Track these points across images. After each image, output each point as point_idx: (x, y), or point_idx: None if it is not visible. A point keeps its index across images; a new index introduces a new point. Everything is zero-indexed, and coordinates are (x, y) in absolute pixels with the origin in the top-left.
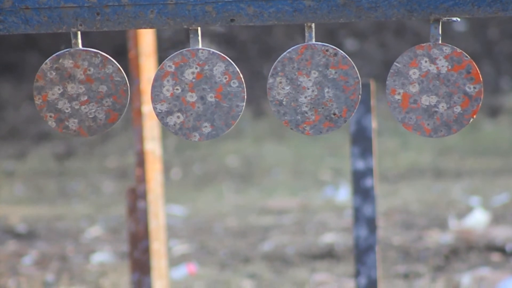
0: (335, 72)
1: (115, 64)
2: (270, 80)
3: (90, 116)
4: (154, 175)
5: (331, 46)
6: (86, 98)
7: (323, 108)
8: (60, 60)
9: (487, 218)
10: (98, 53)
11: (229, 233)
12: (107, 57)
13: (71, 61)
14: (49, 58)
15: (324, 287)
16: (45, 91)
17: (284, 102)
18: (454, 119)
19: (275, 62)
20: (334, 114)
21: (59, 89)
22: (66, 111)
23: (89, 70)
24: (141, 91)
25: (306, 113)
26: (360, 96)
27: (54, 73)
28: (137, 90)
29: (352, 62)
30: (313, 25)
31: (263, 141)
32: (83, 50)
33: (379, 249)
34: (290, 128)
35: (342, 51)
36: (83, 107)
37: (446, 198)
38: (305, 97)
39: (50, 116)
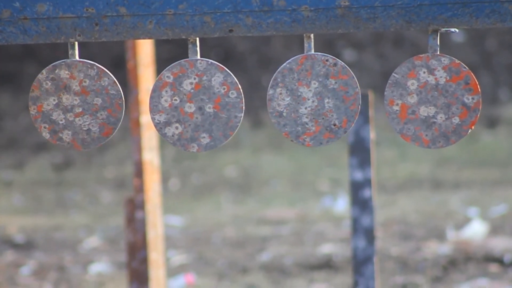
0: (335, 82)
1: (111, 77)
2: (270, 91)
3: (84, 129)
4: (152, 185)
5: (330, 56)
6: (80, 110)
7: (323, 119)
8: (56, 71)
9: (485, 229)
10: (95, 65)
11: (227, 243)
12: (103, 69)
13: (67, 72)
14: (45, 68)
15: None
16: (40, 102)
17: (284, 114)
18: (453, 130)
19: (275, 73)
20: (334, 124)
21: (54, 100)
22: (60, 122)
23: (85, 81)
24: (139, 102)
25: (307, 124)
26: (360, 107)
27: (49, 84)
28: (135, 100)
29: (352, 72)
30: (312, 35)
31: (262, 152)
32: (80, 61)
33: (377, 260)
34: (291, 139)
35: (341, 61)
36: (77, 119)
37: (444, 209)
38: (305, 108)
39: (45, 127)
